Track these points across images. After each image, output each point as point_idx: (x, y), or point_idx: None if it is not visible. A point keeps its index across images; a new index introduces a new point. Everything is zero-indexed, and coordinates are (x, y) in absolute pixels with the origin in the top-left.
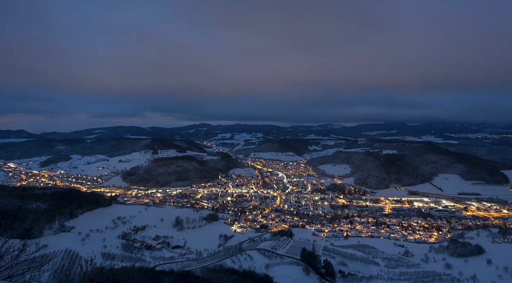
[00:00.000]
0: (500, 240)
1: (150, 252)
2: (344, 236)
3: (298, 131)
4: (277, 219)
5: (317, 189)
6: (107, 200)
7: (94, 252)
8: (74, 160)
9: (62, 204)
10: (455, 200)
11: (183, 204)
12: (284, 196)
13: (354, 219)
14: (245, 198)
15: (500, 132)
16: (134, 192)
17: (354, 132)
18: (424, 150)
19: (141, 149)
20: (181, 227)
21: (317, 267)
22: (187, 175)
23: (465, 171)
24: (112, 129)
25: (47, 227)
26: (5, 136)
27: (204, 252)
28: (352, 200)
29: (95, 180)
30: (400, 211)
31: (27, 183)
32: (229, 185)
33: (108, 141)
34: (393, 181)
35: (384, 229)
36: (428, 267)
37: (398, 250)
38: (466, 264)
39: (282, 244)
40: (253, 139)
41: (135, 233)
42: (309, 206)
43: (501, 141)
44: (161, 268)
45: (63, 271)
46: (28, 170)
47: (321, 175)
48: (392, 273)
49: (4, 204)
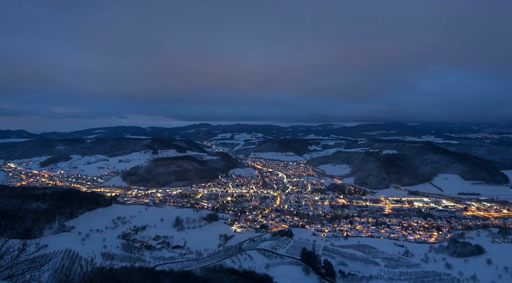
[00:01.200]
0: (500, 240)
1: (150, 252)
2: (344, 236)
3: (298, 131)
4: (277, 219)
5: (317, 189)
6: (107, 200)
7: (94, 252)
8: (74, 160)
9: (62, 204)
10: (455, 200)
11: (183, 204)
12: (284, 196)
13: (354, 219)
14: (245, 198)
15: (500, 132)
16: (134, 192)
17: (354, 132)
18: (424, 150)
19: (141, 149)
20: (181, 227)
21: (317, 267)
22: (187, 175)
23: (465, 171)
24: (112, 129)
25: (47, 227)
26: (5, 136)
27: (204, 252)
28: (352, 200)
29: (95, 180)
30: (400, 211)
31: (27, 183)
32: (229, 185)
33: (108, 141)
34: (393, 181)
35: (384, 229)
36: (428, 267)
37: (398, 250)
38: (466, 264)
39: (282, 244)
40: (253, 139)
41: (135, 233)
42: (309, 206)
43: (501, 141)
44: (161, 268)
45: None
46: (28, 170)
47: (321, 175)
48: (392, 273)
49: (4, 204)
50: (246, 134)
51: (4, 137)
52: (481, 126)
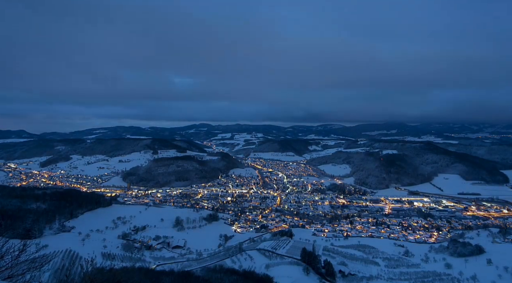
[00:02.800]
0: (500, 240)
1: (150, 252)
2: (344, 236)
3: (298, 131)
4: (277, 219)
5: (317, 189)
6: (107, 200)
7: (94, 252)
8: (74, 160)
9: (62, 204)
10: (455, 200)
11: (183, 204)
12: (284, 196)
13: (354, 219)
14: (245, 198)
15: (500, 132)
16: (134, 192)
17: (354, 132)
18: (424, 150)
19: (141, 149)
20: (181, 227)
21: (317, 267)
22: (187, 175)
23: (465, 171)
24: (112, 129)
25: (47, 227)
26: (5, 136)
27: (204, 252)
28: (352, 200)
29: (95, 180)
30: (400, 211)
31: (27, 183)
32: (229, 185)
33: (108, 141)
34: (393, 181)
35: (384, 229)
36: (428, 267)
37: (398, 250)
38: (466, 264)
39: (282, 244)
40: (253, 139)
41: (135, 233)
42: (309, 206)
43: (501, 141)
44: (161, 268)
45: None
46: (28, 170)
47: (321, 175)
48: (392, 273)
49: (4, 204)
50: (246, 134)
51: (4, 138)
52: (481, 126)
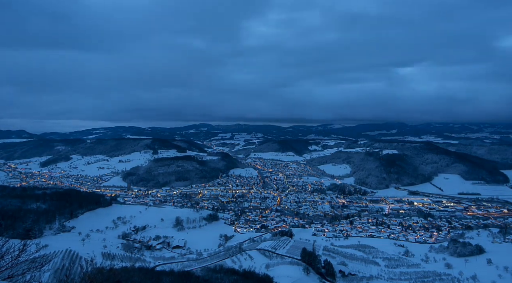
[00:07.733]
0: (500, 240)
1: (150, 252)
2: (344, 236)
3: (298, 131)
4: (277, 219)
5: (317, 189)
6: (107, 200)
7: (94, 252)
8: (74, 160)
9: (62, 204)
10: (455, 200)
11: (183, 204)
12: (284, 196)
13: (354, 219)
14: (245, 198)
15: (500, 132)
16: (134, 192)
17: (354, 132)
18: (424, 150)
19: (141, 149)
20: (181, 227)
21: (318, 267)
22: (187, 175)
23: (465, 171)
24: (112, 129)
25: (47, 227)
26: (5, 136)
27: (204, 252)
28: (352, 200)
29: (95, 180)
30: (400, 211)
31: (27, 183)
32: (229, 185)
33: (108, 141)
34: (393, 181)
35: (384, 229)
36: (428, 267)
37: (398, 250)
38: (466, 264)
39: (282, 244)
40: (253, 139)
41: (135, 233)
42: (309, 206)
43: (501, 141)
44: (161, 268)
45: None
46: (28, 170)
47: (321, 175)
48: (393, 273)
49: (5, 204)
50: (246, 134)
51: (4, 138)
52: (481, 126)
